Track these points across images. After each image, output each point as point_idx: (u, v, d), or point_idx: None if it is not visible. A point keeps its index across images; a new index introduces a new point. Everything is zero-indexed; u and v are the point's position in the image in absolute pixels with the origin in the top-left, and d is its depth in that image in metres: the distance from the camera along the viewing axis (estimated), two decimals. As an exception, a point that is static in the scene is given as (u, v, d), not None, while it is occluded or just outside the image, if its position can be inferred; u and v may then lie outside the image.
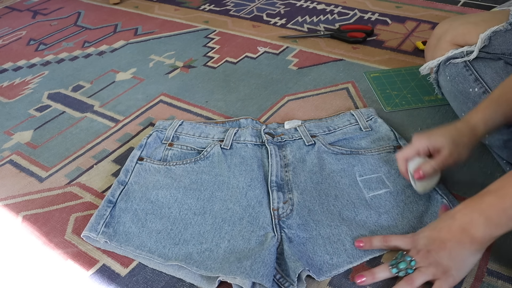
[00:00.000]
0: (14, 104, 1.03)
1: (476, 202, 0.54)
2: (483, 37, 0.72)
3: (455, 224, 0.54)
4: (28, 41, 1.31)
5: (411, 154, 0.66)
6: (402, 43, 1.10)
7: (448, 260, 0.54)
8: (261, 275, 0.56)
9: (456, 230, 0.54)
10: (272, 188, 0.70)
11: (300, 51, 1.11)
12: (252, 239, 0.63)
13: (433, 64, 0.79)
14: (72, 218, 0.72)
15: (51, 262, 0.66)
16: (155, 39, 1.24)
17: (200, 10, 1.39)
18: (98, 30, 1.33)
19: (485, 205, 0.53)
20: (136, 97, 1.01)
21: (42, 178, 0.81)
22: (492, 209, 0.52)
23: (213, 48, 1.17)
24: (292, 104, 0.93)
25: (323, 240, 0.63)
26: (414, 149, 0.66)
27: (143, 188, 0.73)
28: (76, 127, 0.93)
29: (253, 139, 0.79)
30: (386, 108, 0.88)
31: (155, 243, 0.65)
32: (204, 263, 0.61)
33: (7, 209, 0.75)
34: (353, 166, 0.74)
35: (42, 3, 1.57)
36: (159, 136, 0.82)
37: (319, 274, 0.59)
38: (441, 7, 1.25)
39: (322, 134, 0.80)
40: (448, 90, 0.77)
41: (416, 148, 0.66)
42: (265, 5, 1.37)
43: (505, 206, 0.51)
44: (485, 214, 0.53)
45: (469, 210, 0.54)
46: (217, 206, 0.69)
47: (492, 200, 0.53)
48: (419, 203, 0.67)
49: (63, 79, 1.10)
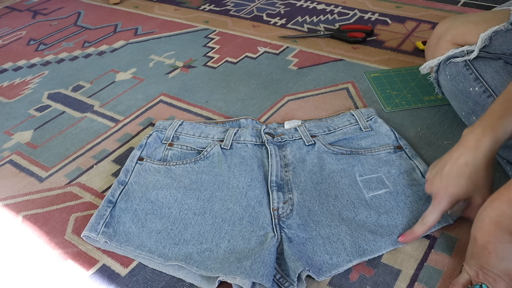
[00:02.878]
0: (14, 104, 1.03)
1: (503, 194, 0.51)
2: (483, 37, 0.72)
3: (486, 222, 0.51)
4: (28, 41, 1.31)
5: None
6: (402, 43, 1.10)
7: (501, 264, 0.51)
8: (261, 275, 0.56)
9: (490, 228, 0.51)
10: (272, 188, 0.70)
11: (300, 51, 1.11)
12: (252, 239, 0.63)
13: (433, 63, 0.79)
14: (72, 218, 0.72)
15: (51, 262, 0.66)
16: (155, 39, 1.24)
17: (200, 10, 1.39)
18: (98, 30, 1.33)
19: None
20: (136, 97, 1.01)
21: (42, 178, 0.81)
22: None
23: (213, 48, 1.17)
24: (292, 104, 0.93)
25: (323, 240, 0.63)
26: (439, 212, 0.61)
27: (143, 188, 0.73)
28: (76, 127, 0.93)
29: (253, 139, 0.79)
30: (386, 108, 0.88)
31: (155, 243, 0.65)
32: (204, 263, 0.61)
33: (7, 209, 0.75)
34: (353, 166, 0.74)
35: (42, 3, 1.57)
36: (159, 136, 0.82)
37: (319, 274, 0.59)
38: (441, 7, 1.25)
39: (322, 134, 0.80)
40: (448, 89, 0.77)
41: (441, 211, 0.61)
42: (265, 5, 1.37)
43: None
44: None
45: (497, 204, 0.51)
46: (217, 206, 0.69)
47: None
48: (419, 203, 0.67)
49: (63, 79, 1.10)
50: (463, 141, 0.59)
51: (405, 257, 0.62)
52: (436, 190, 0.60)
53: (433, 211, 0.60)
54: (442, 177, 0.60)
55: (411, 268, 0.60)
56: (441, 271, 0.60)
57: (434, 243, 0.63)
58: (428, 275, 0.59)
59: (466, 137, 0.59)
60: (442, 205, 0.60)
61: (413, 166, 0.73)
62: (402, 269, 0.60)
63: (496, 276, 0.52)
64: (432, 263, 0.61)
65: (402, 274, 0.60)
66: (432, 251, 0.62)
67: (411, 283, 0.59)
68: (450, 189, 0.59)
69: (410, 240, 0.62)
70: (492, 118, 0.58)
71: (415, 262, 0.61)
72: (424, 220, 0.61)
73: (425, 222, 0.61)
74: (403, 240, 0.62)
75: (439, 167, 0.61)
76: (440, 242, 0.63)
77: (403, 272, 0.60)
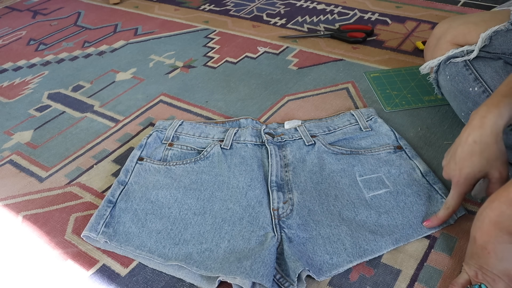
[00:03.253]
0: (14, 104, 1.03)
1: (502, 194, 0.51)
2: (484, 37, 0.72)
3: (485, 222, 0.51)
4: (28, 41, 1.31)
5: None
6: (402, 43, 1.10)
7: (500, 264, 0.51)
8: (261, 275, 0.56)
9: (489, 229, 0.51)
10: (272, 188, 0.70)
11: (300, 51, 1.11)
12: (252, 239, 0.63)
13: (433, 63, 0.79)
14: (72, 218, 0.72)
15: (51, 262, 0.66)
16: (155, 39, 1.24)
17: (200, 10, 1.39)
18: (98, 30, 1.33)
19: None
20: (136, 97, 1.01)
21: (42, 178, 0.81)
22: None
23: (213, 48, 1.17)
24: (292, 104, 0.93)
25: (323, 240, 0.63)
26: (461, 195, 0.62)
27: (143, 188, 0.73)
28: (76, 127, 0.93)
29: (253, 139, 0.79)
30: (386, 108, 0.88)
31: (155, 243, 0.65)
32: (204, 263, 0.61)
33: (7, 209, 0.75)
34: (353, 166, 0.74)
35: (42, 3, 1.57)
36: (159, 136, 0.82)
37: (319, 274, 0.59)
38: (441, 7, 1.25)
39: (322, 134, 0.80)
40: (448, 89, 0.77)
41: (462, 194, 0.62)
42: (265, 5, 1.37)
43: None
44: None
45: (496, 204, 0.51)
46: (217, 206, 0.69)
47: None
48: (419, 203, 0.67)
49: (63, 79, 1.10)
50: (469, 122, 0.60)
51: (405, 257, 0.62)
52: (453, 174, 0.61)
53: (454, 194, 0.62)
54: (456, 160, 0.61)
55: (411, 268, 0.60)
56: (441, 271, 0.60)
57: (434, 243, 0.63)
58: (428, 275, 0.59)
59: (472, 117, 0.60)
60: (461, 188, 0.61)
61: (413, 166, 0.73)
62: (402, 269, 0.60)
63: (495, 276, 0.52)
64: (432, 263, 0.61)
65: (402, 274, 0.60)
66: (432, 251, 0.62)
67: (411, 283, 0.59)
68: (465, 170, 0.60)
69: (435, 224, 0.63)
70: (497, 97, 0.59)
71: (415, 262, 0.61)
72: (447, 204, 0.62)
73: (448, 206, 0.62)
74: (428, 224, 0.63)
75: (452, 152, 0.63)
76: (440, 242, 0.63)
77: (403, 272, 0.60)
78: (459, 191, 0.61)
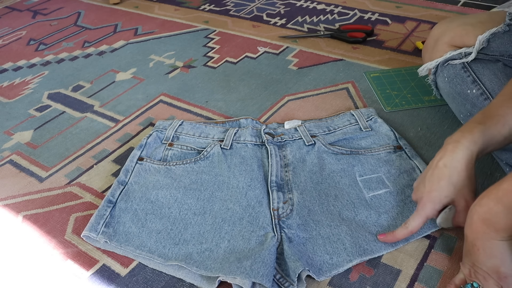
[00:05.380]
0: (14, 104, 1.03)
1: (491, 192, 0.51)
2: (481, 39, 0.72)
3: (474, 219, 0.51)
4: (28, 41, 1.31)
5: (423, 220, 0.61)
6: (402, 43, 1.10)
7: (488, 261, 0.51)
8: (261, 275, 0.56)
9: (477, 225, 0.51)
10: (272, 188, 0.70)
11: (300, 51, 1.11)
12: (252, 239, 0.63)
13: (431, 65, 0.79)
14: (72, 218, 0.72)
15: (51, 262, 0.66)
16: (155, 39, 1.24)
17: (200, 10, 1.39)
18: (98, 30, 1.33)
19: (502, 192, 0.49)
20: (136, 97, 1.01)
21: (42, 178, 0.81)
22: (510, 195, 0.49)
23: (213, 48, 1.17)
24: (292, 104, 0.93)
25: (323, 240, 0.63)
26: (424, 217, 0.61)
27: (143, 188, 0.73)
28: (76, 127, 0.93)
29: (253, 139, 0.79)
30: (386, 108, 0.88)
31: (155, 243, 0.65)
32: (204, 263, 0.61)
33: (7, 209, 0.75)
34: (353, 166, 0.74)
35: (42, 3, 1.57)
36: (159, 136, 0.82)
37: (319, 274, 0.59)
38: (441, 7, 1.25)
39: (322, 134, 0.80)
40: (446, 91, 0.77)
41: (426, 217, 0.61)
42: (265, 5, 1.37)
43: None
44: (503, 201, 0.49)
45: (485, 201, 0.51)
46: (217, 206, 0.69)
47: (508, 186, 0.49)
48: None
49: (63, 79, 1.10)
50: (443, 146, 0.61)
51: (405, 257, 0.62)
52: (420, 196, 0.61)
53: (416, 216, 0.60)
54: (425, 182, 0.61)
55: (411, 268, 0.60)
56: (441, 271, 0.60)
57: (434, 243, 0.63)
58: (428, 275, 0.59)
59: (446, 142, 0.61)
60: (425, 211, 0.60)
61: (413, 166, 0.73)
62: (402, 269, 0.60)
63: (485, 273, 0.52)
64: (432, 263, 0.61)
65: (402, 274, 0.60)
66: (432, 251, 0.62)
67: (411, 283, 0.59)
68: (432, 193, 0.60)
69: (389, 241, 0.62)
70: (472, 123, 0.60)
71: (415, 262, 0.61)
72: (407, 224, 0.61)
73: (407, 226, 0.61)
74: (382, 239, 0.62)
75: (423, 174, 0.63)
76: (440, 242, 0.63)
77: (403, 272, 0.60)
78: (423, 213, 0.60)
